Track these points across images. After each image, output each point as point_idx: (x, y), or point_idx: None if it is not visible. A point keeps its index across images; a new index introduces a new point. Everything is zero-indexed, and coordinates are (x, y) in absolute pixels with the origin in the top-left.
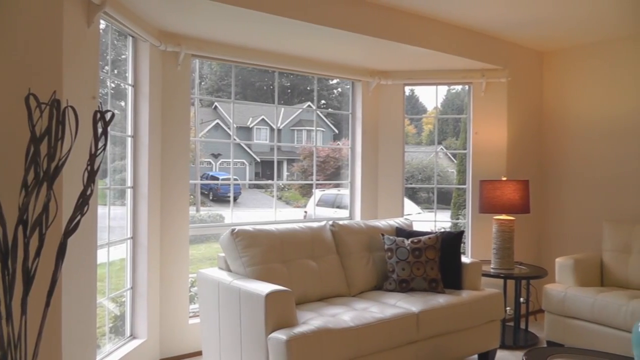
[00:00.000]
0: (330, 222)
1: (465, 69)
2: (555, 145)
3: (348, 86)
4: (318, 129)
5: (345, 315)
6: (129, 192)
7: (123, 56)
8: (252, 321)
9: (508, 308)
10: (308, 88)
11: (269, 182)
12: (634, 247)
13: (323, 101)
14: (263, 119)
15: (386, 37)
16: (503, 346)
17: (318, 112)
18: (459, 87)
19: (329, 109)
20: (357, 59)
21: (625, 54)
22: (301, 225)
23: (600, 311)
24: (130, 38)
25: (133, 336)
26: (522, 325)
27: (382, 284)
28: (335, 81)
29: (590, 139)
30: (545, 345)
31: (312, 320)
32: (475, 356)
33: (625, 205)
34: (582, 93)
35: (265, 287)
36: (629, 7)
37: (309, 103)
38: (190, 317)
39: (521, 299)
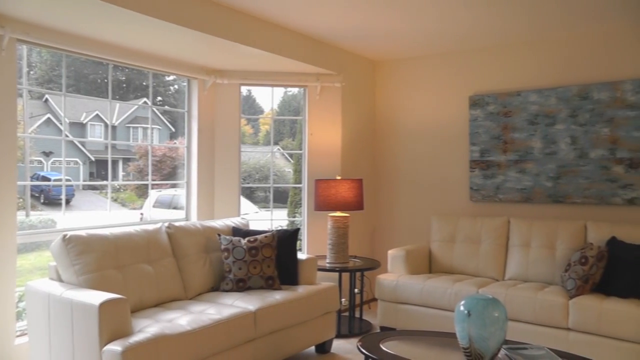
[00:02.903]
0: (166, 224)
1: (301, 72)
2: (387, 147)
3: (185, 83)
4: (154, 126)
5: (182, 319)
6: None
7: None
8: (85, 334)
9: (343, 299)
10: (144, 83)
11: (104, 182)
12: (457, 237)
13: (159, 98)
14: (97, 115)
15: (223, 35)
16: (339, 335)
17: (154, 109)
18: (295, 90)
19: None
20: (193, 56)
21: (447, 68)
22: (136, 228)
23: (428, 295)
24: None
25: None
26: (357, 315)
27: (219, 284)
28: (171, 78)
29: (418, 142)
30: (378, 331)
31: (148, 327)
32: (313, 347)
33: (450, 201)
34: (410, 101)
35: (98, 297)
36: (448, 27)
37: (145, 99)
38: (18, 336)
39: (356, 290)
